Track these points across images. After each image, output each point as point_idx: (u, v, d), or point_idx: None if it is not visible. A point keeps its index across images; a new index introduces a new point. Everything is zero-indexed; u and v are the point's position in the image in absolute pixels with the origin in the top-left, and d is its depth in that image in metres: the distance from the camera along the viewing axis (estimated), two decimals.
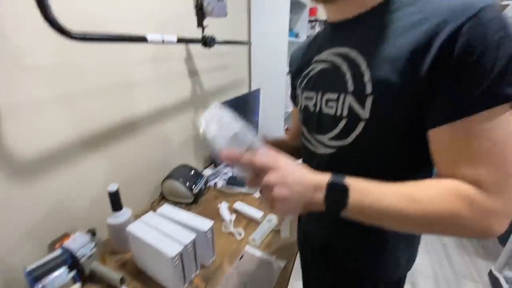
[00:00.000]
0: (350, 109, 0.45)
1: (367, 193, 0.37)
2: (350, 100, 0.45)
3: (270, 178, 0.36)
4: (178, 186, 1.07)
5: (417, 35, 0.37)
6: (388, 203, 0.36)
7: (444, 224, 0.35)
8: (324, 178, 0.38)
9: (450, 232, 0.36)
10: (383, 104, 0.41)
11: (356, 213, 0.37)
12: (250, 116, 1.65)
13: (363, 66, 0.43)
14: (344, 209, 0.37)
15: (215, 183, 1.27)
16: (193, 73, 1.27)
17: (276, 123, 1.96)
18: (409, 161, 0.45)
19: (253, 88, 1.91)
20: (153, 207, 1.07)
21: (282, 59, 1.77)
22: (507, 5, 1.84)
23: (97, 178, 0.88)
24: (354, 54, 0.45)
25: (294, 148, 0.68)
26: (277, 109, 1.92)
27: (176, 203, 1.10)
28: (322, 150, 0.52)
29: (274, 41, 1.74)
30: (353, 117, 0.45)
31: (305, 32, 2.34)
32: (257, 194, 1.17)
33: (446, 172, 0.38)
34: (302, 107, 0.58)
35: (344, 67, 0.47)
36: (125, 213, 0.82)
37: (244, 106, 1.53)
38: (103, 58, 0.81)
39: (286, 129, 2.33)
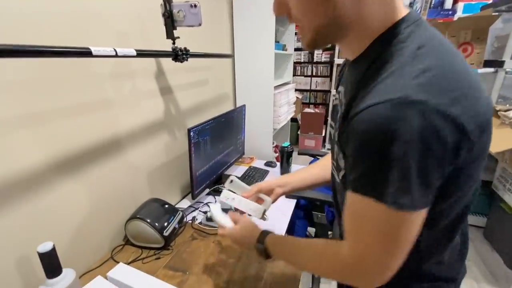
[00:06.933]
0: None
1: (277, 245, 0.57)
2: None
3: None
4: (145, 228, 0.88)
5: None
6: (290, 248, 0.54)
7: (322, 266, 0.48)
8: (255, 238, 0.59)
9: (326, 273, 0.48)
10: None
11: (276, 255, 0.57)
12: (235, 134, 1.48)
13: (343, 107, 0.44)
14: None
15: (194, 218, 1.08)
16: (165, 90, 1.10)
17: (263, 141, 1.80)
18: None
19: (238, 104, 1.76)
20: (114, 255, 0.87)
21: (269, 72, 1.63)
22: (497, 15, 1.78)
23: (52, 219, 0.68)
24: (342, 94, 0.50)
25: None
26: (264, 126, 1.76)
27: (143, 248, 0.90)
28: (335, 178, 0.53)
29: (260, 54, 1.61)
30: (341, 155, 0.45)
31: (292, 45, 2.23)
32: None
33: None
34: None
35: (339, 105, 0.52)
36: (66, 278, 0.62)
37: (229, 123, 1.38)
38: (55, 73, 0.63)
39: (276, 146, 2.18)
